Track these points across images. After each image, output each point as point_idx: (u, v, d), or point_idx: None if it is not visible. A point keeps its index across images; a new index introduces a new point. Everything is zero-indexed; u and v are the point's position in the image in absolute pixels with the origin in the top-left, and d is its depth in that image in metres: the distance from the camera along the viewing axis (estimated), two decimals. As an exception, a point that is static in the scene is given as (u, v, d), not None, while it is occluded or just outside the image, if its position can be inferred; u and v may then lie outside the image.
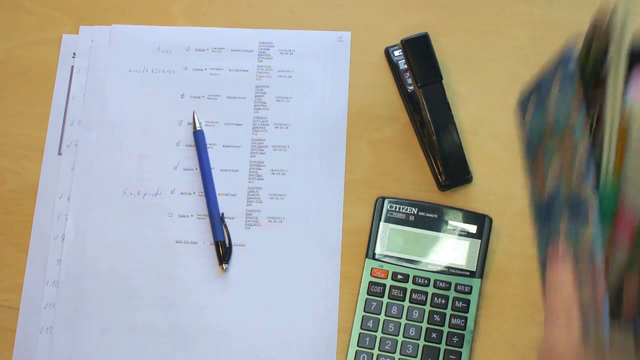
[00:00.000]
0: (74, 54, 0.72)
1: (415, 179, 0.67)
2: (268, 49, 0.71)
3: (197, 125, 0.68)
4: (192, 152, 0.68)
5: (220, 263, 0.65)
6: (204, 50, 0.72)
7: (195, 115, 0.69)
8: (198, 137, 0.68)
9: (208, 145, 0.68)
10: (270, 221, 0.66)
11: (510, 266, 0.64)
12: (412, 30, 0.65)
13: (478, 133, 0.69)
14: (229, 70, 0.71)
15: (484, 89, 0.70)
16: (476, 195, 0.67)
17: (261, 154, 0.68)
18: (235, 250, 0.65)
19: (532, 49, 0.71)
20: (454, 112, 0.65)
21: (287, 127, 0.69)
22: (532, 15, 0.72)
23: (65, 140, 0.69)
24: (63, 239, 0.66)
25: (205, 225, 0.66)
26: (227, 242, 0.65)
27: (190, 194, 0.67)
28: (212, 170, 0.67)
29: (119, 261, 0.65)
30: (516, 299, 0.64)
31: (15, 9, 0.74)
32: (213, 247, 0.65)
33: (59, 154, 0.69)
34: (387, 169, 0.68)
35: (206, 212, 0.66)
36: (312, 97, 0.70)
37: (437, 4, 0.73)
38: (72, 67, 0.72)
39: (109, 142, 0.69)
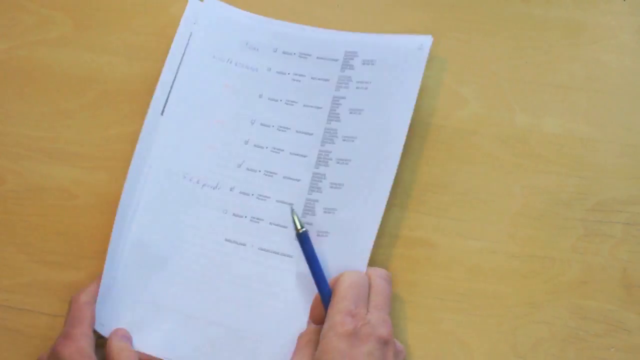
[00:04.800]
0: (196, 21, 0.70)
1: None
2: (352, 59, 0.69)
3: (298, 226, 0.62)
4: (258, 154, 0.67)
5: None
6: (290, 55, 0.70)
7: (295, 215, 0.63)
8: (303, 239, 0.62)
9: (275, 150, 0.67)
10: (319, 235, 0.64)
11: (509, 266, 0.64)
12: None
13: (478, 133, 0.69)
14: (312, 78, 0.69)
15: (484, 89, 0.70)
16: (476, 195, 0.67)
17: (325, 166, 0.66)
18: (280, 259, 0.64)
19: (532, 49, 0.71)
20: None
21: (353, 141, 0.66)
22: (532, 15, 0.72)
23: None
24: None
25: (256, 230, 0.65)
26: None
27: (248, 195, 0.66)
28: (275, 176, 0.66)
29: (164, 240, 0.65)
30: (516, 299, 0.64)
31: (15, 9, 0.74)
32: (260, 252, 0.64)
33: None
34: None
35: (260, 217, 0.65)
36: (383, 110, 0.66)
37: (437, 4, 0.73)
38: (191, 33, 0.70)
39: (178, 122, 0.67)
